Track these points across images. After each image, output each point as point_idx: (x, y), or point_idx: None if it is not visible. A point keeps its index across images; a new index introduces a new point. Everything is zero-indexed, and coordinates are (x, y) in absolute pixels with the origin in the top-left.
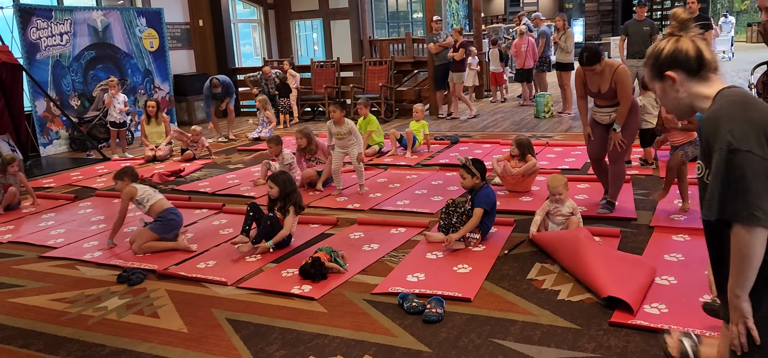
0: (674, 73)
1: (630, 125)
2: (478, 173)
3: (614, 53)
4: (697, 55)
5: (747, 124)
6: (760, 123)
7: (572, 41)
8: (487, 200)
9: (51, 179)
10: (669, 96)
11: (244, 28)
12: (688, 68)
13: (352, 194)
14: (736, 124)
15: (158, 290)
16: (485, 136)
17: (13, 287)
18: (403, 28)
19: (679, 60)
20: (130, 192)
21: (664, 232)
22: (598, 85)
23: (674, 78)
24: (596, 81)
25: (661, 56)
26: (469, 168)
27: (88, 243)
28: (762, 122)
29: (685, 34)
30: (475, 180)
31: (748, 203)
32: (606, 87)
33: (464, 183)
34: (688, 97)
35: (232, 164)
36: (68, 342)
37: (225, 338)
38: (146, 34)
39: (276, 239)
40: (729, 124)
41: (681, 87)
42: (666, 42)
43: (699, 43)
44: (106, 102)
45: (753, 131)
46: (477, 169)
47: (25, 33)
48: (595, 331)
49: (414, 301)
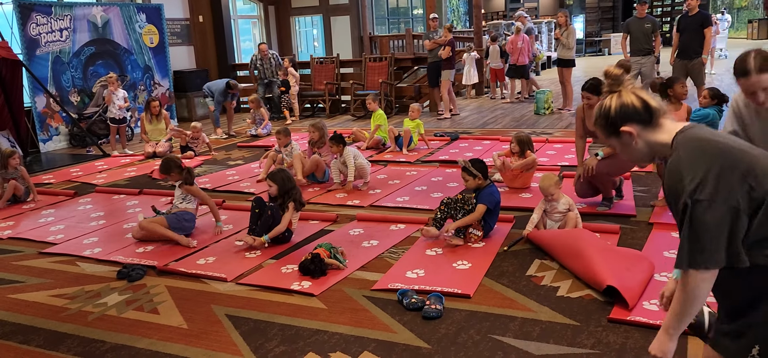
0: (630, 128)
1: (618, 161)
2: (479, 174)
3: (615, 50)
4: (644, 106)
5: (705, 172)
6: (718, 164)
7: (574, 38)
8: (491, 199)
9: (51, 175)
10: (629, 149)
11: (244, 25)
12: (640, 119)
13: (351, 190)
14: (696, 175)
15: (158, 286)
16: (485, 133)
17: (13, 283)
18: (403, 24)
19: (630, 113)
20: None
21: (664, 229)
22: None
23: (632, 132)
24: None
25: (611, 114)
26: (469, 170)
27: (87, 239)
28: (721, 161)
29: (622, 88)
30: (478, 181)
31: (708, 250)
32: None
33: (468, 185)
34: (647, 147)
35: (232, 161)
36: (68, 338)
37: (225, 334)
38: (146, 30)
39: (272, 234)
40: (688, 175)
41: (639, 139)
42: (609, 99)
43: (640, 94)
44: (106, 98)
45: (712, 177)
46: (477, 169)
47: (25, 29)
48: (594, 327)
49: (413, 297)
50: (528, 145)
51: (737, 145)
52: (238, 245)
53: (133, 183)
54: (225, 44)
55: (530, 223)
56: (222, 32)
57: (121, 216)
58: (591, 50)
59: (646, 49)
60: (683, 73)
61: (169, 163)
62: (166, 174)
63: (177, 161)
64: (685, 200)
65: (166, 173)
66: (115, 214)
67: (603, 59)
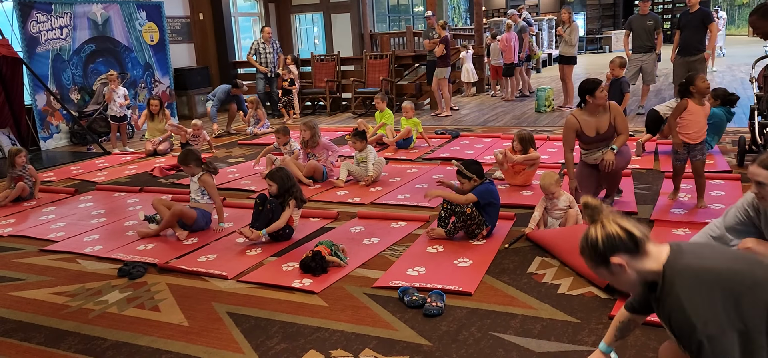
0: (620, 259)
1: (625, 154)
2: (473, 175)
3: (615, 47)
4: (629, 235)
5: (709, 306)
6: (718, 291)
7: (577, 35)
8: (484, 194)
9: (51, 172)
10: (621, 279)
11: (244, 22)
12: (627, 249)
13: (352, 187)
14: (701, 312)
15: (159, 283)
16: (486, 130)
17: (14, 280)
18: (403, 21)
19: (617, 244)
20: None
21: (665, 226)
22: (597, 127)
23: (622, 263)
24: (593, 124)
25: (598, 246)
26: (463, 172)
27: (88, 237)
28: (721, 287)
29: (603, 217)
30: (473, 182)
31: None
32: (606, 126)
33: (463, 188)
34: (637, 275)
35: (232, 158)
36: (69, 335)
37: (226, 331)
38: (146, 28)
39: (270, 229)
40: (694, 315)
41: (629, 268)
42: (594, 231)
43: (622, 223)
44: (107, 96)
45: (718, 308)
46: (472, 171)
47: (25, 26)
48: (595, 324)
49: (414, 295)
50: (530, 144)
51: (732, 262)
52: (238, 243)
53: (134, 181)
54: (225, 42)
55: (532, 221)
56: (222, 30)
57: (121, 214)
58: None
59: (648, 46)
60: (684, 70)
61: (188, 155)
62: (183, 165)
63: (197, 154)
64: (699, 339)
65: (184, 164)
66: (116, 212)
67: (604, 56)
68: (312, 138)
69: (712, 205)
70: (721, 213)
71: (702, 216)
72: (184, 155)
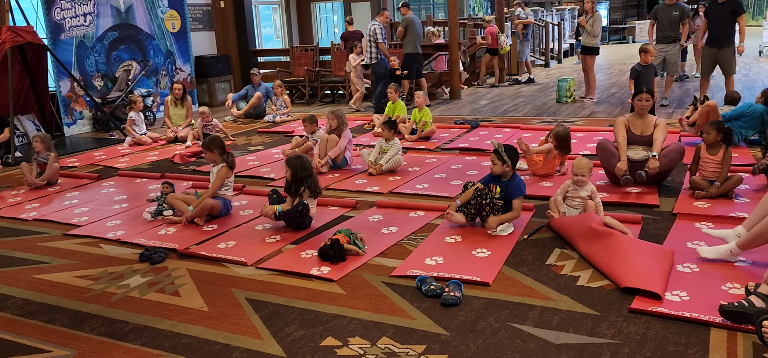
0: None
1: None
2: (509, 161)
3: (639, 37)
4: None
5: None
6: None
7: (600, 25)
8: (520, 191)
9: (75, 158)
10: None
11: (264, 11)
12: None
13: (368, 176)
14: None
15: (179, 269)
16: (505, 121)
17: (39, 263)
18: (424, 10)
19: None
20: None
21: (687, 219)
22: (642, 129)
23: None
24: (639, 125)
25: None
26: (501, 155)
27: (111, 222)
28: None
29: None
30: (505, 168)
31: None
32: (650, 130)
33: (494, 169)
34: None
35: (252, 146)
36: (92, 318)
37: (245, 317)
38: (168, 16)
39: (285, 207)
40: None
41: None
42: None
43: None
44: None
45: None
46: (509, 157)
47: (50, 13)
48: (615, 317)
49: (432, 284)
50: (566, 142)
51: None
52: (258, 230)
53: (155, 167)
54: (246, 30)
55: (553, 203)
56: (243, 18)
57: (143, 200)
58: (615, 38)
59: (672, 37)
60: (712, 62)
61: (213, 142)
62: (207, 150)
63: (221, 142)
64: None
65: (209, 149)
66: (138, 197)
67: (627, 47)
68: (339, 127)
69: (736, 198)
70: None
71: (725, 209)
72: (210, 141)
